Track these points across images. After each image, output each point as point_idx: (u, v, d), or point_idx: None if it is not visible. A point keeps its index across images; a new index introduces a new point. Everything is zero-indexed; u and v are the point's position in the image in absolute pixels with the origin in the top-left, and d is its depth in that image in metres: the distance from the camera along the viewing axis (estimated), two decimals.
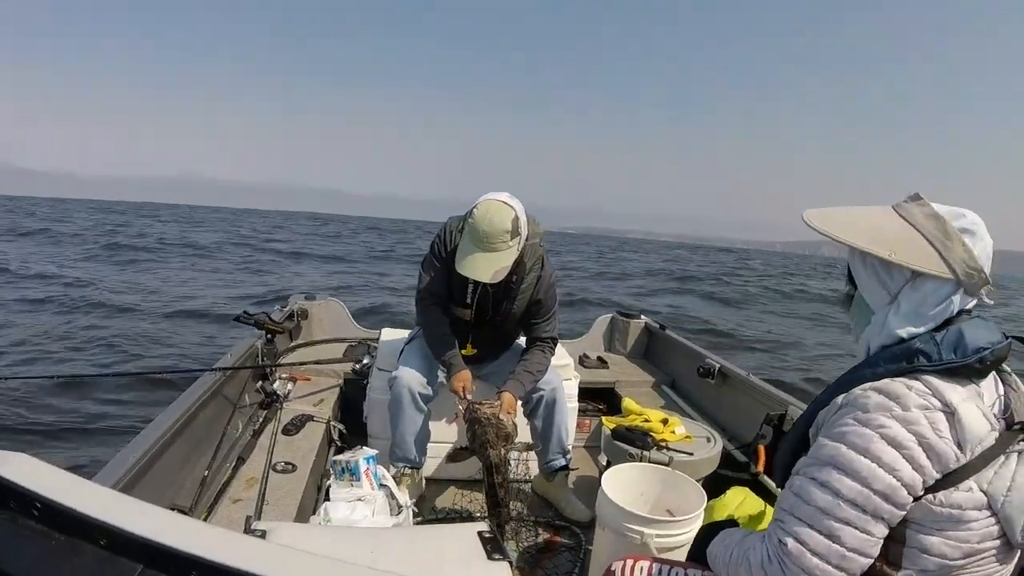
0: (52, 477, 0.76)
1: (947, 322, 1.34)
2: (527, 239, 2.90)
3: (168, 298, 12.66)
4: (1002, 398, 1.33)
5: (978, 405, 1.25)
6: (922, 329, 1.34)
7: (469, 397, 2.96)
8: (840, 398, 1.34)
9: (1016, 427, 1.28)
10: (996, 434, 1.26)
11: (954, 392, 1.24)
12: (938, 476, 1.23)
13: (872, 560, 1.27)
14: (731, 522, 1.85)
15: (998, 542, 1.29)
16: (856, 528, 1.24)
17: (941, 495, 1.24)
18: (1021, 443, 1.28)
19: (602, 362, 4.75)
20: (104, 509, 0.71)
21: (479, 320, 3.15)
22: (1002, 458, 1.26)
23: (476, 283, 2.99)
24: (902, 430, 1.22)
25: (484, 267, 2.76)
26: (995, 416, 1.28)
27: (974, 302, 1.37)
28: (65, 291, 12.25)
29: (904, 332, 1.35)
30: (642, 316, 5.23)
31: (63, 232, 30.11)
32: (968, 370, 1.28)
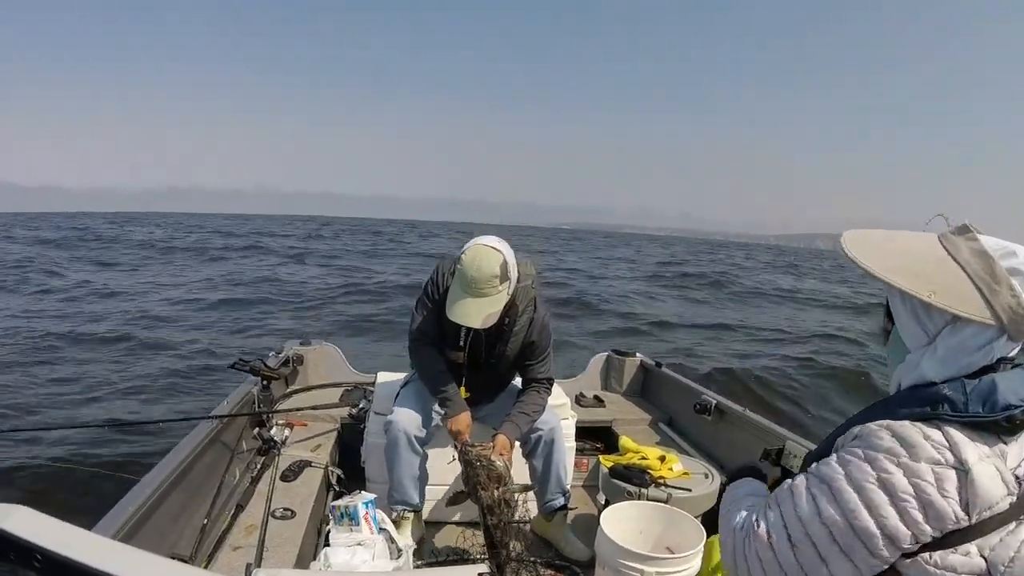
0: (52, 529, 0.77)
1: (985, 369, 1.25)
2: (518, 281, 2.92)
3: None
4: None
5: (997, 466, 1.18)
6: (954, 373, 1.25)
7: (465, 439, 2.96)
8: (857, 428, 1.28)
9: None
10: (1012, 499, 1.19)
11: (973, 450, 1.17)
12: (935, 535, 1.18)
13: None
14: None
15: None
16: (817, 551, 1.24)
17: (937, 556, 1.20)
18: None
19: (599, 401, 4.74)
20: (105, 559, 0.72)
21: (472, 363, 3.15)
22: (1012, 524, 1.19)
23: (469, 328, 2.99)
24: (903, 480, 1.18)
25: (474, 313, 2.77)
26: (1016, 478, 1.20)
27: (1017, 348, 1.27)
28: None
29: (936, 376, 1.27)
30: (637, 354, 5.23)
31: None
32: (995, 426, 1.19)
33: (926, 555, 1.20)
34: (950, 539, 1.19)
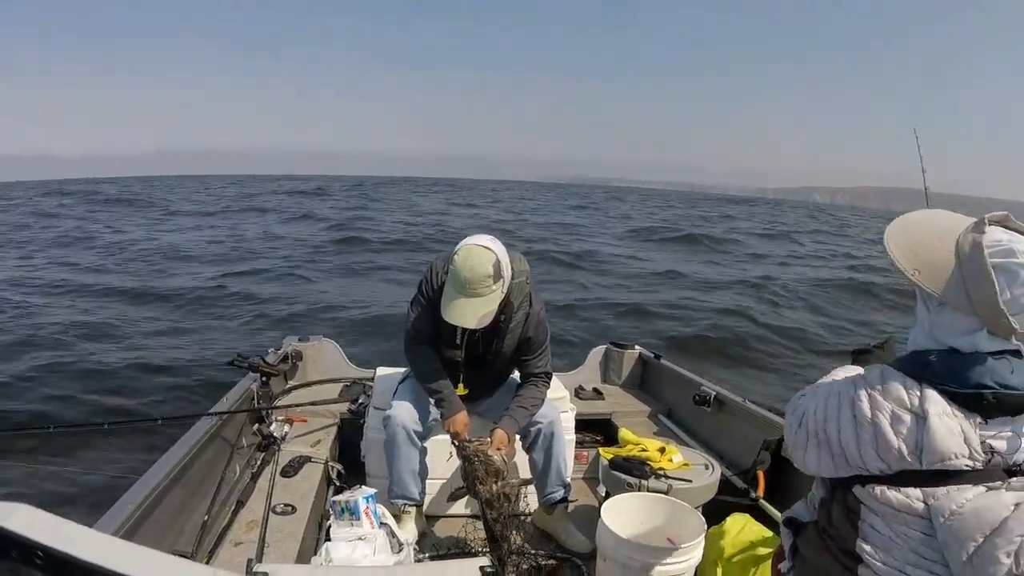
0: (54, 526, 0.77)
1: (980, 357, 1.29)
2: (512, 278, 2.92)
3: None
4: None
5: (962, 427, 1.25)
6: (931, 344, 1.37)
7: (464, 437, 2.97)
8: None
9: (1013, 474, 1.27)
10: (974, 463, 1.25)
11: (937, 405, 1.26)
12: (884, 469, 1.31)
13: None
14: None
15: (939, 553, 1.26)
16: (808, 436, 1.46)
17: (879, 489, 1.31)
18: (1000, 483, 1.26)
19: (598, 393, 4.74)
20: (106, 556, 0.72)
21: (470, 361, 3.15)
22: (968, 486, 1.25)
23: (462, 329, 3.01)
24: (866, 408, 1.33)
25: (469, 313, 2.78)
26: (988, 449, 1.25)
27: (1013, 346, 1.32)
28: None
29: (924, 346, 1.39)
30: (636, 346, 5.23)
31: None
32: (965, 399, 1.26)
33: (871, 486, 1.32)
34: (900, 478, 1.30)
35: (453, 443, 2.94)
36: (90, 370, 8.73)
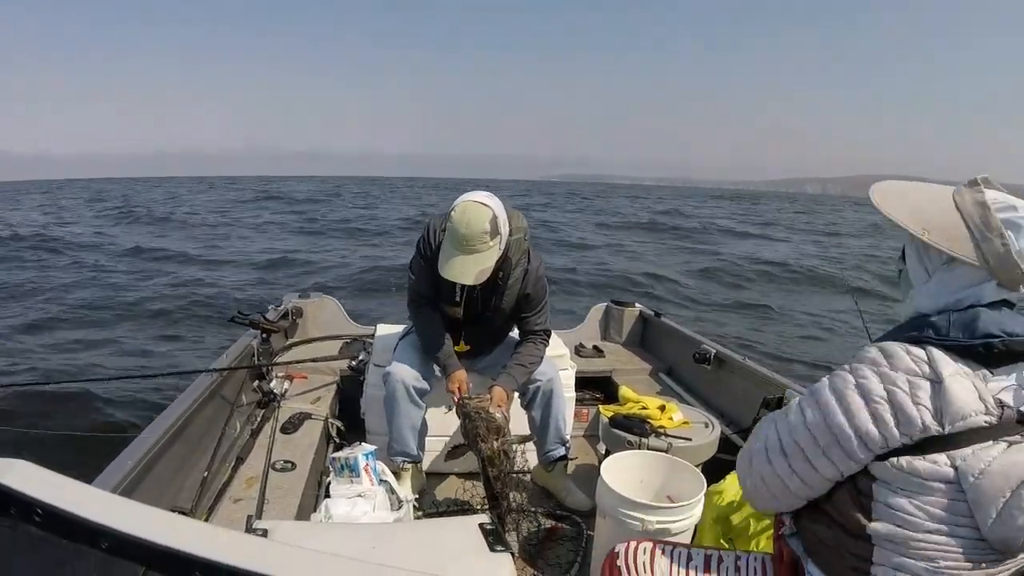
0: (52, 483, 0.76)
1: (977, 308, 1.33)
2: (510, 235, 2.91)
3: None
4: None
5: (974, 383, 1.25)
6: (943, 307, 1.36)
7: (464, 394, 2.97)
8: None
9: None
10: (991, 419, 1.24)
11: (949, 365, 1.26)
12: (906, 441, 1.26)
13: (812, 494, 1.41)
14: None
15: (968, 518, 1.25)
16: (805, 455, 1.36)
17: (904, 460, 1.27)
18: (1020, 437, 1.26)
19: (598, 351, 4.75)
20: (105, 513, 0.71)
21: (469, 317, 3.16)
22: (990, 443, 1.25)
23: (462, 285, 3.01)
24: (879, 385, 1.28)
25: (467, 269, 2.76)
26: (999, 403, 1.25)
27: (1012, 295, 1.36)
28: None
29: (927, 308, 1.39)
30: (637, 304, 5.23)
31: None
32: (973, 351, 1.28)
33: (894, 458, 1.27)
34: (923, 447, 1.26)
35: (453, 401, 2.95)
36: (88, 325, 8.75)
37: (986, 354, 1.27)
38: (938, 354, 1.27)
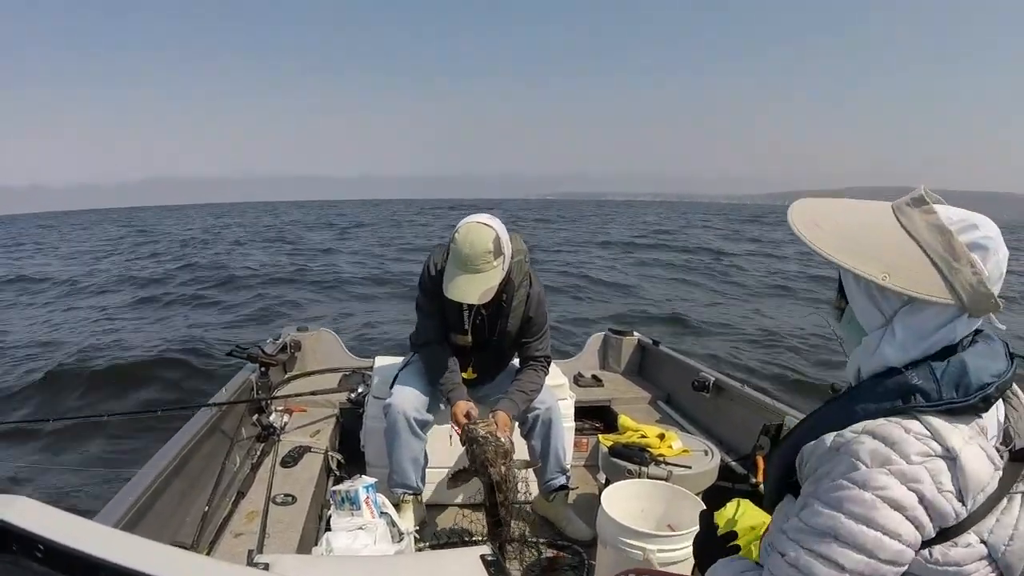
0: (54, 519, 0.76)
1: (947, 349, 1.21)
2: (512, 257, 2.94)
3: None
4: (1002, 424, 1.22)
5: (981, 445, 1.15)
6: (914, 356, 1.21)
7: (467, 422, 2.98)
8: (829, 439, 1.20)
9: (1020, 458, 1.18)
10: (999, 474, 1.16)
11: (956, 435, 1.13)
12: (936, 533, 1.14)
13: None
14: (728, 535, 1.78)
15: None
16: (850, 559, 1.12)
17: (938, 552, 1.15)
18: (1022, 484, 1.18)
19: (597, 380, 4.74)
20: (106, 548, 0.72)
21: (477, 345, 3.18)
22: (1004, 502, 1.16)
23: (471, 308, 3.04)
24: (903, 490, 1.10)
25: (471, 289, 2.80)
26: (997, 450, 1.17)
27: (978, 323, 1.23)
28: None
29: (898, 361, 1.22)
30: (635, 333, 5.24)
31: None
32: (972, 408, 1.16)
33: (925, 553, 1.15)
34: (950, 532, 1.14)
35: (455, 428, 2.95)
36: (88, 364, 8.74)
37: (983, 407, 1.17)
38: (938, 423, 1.14)
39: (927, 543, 1.14)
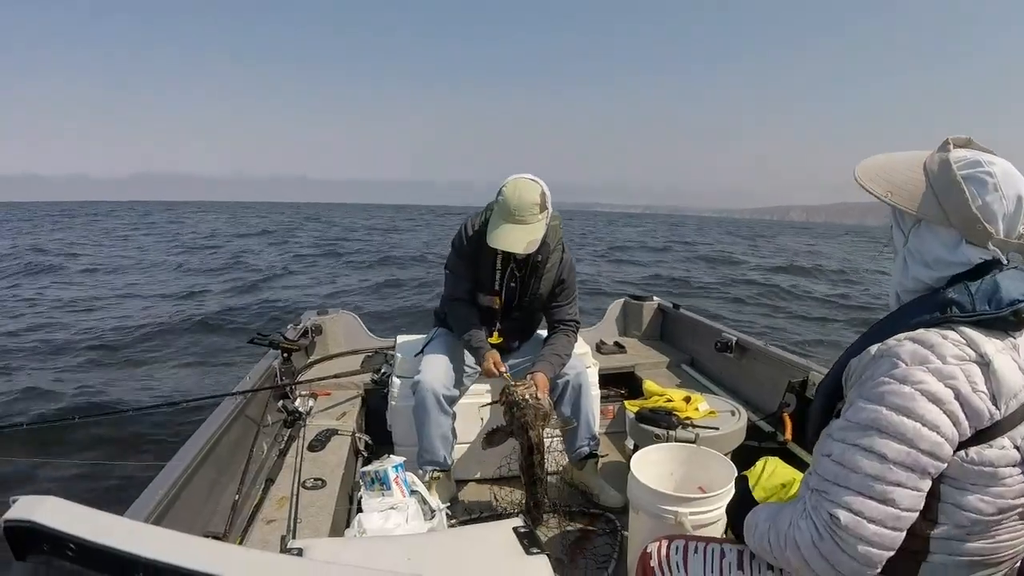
0: (83, 516, 0.76)
1: (979, 272, 1.29)
2: (551, 220, 2.99)
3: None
4: None
5: (1014, 357, 1.23)
6: (936, 273, 1.32)
7: (504, 372, 3.01)
8: (874, 348, 1.28)
9: None
10: None
11: (989, 343, 1.21)
12: (972, 432, 1.20)
13: (918, 513, 1.24)
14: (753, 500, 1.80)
15: None
16: (908, 488, 1.20)
17: (974, 452, 1.21)
18: None
19: (619, 347, 4.75)
20: (138, 543, 0.71)
21: (506, 308, 3.21)
22: None
23: (504, 269, 3.09)
24: (940, 385, 1.18)
25: (517, 238, 2.84)
26: None
27: (1000, 255, 1.30)
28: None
29: (922, 275, 1.34)
30: (655, 298, 5.23)
31: None
32: (1003, 322, 1.25)
33: (961, 453, 1.22)
34: (985, 434, 1.21)
35: (498, 371, 2.99)
36: (111, 358, 8.79)
37: (1015, 321, 1.25)
38: (973, 333, 1.23)
39: (964, 444, 1.22)
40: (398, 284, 16.81)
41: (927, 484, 1.22)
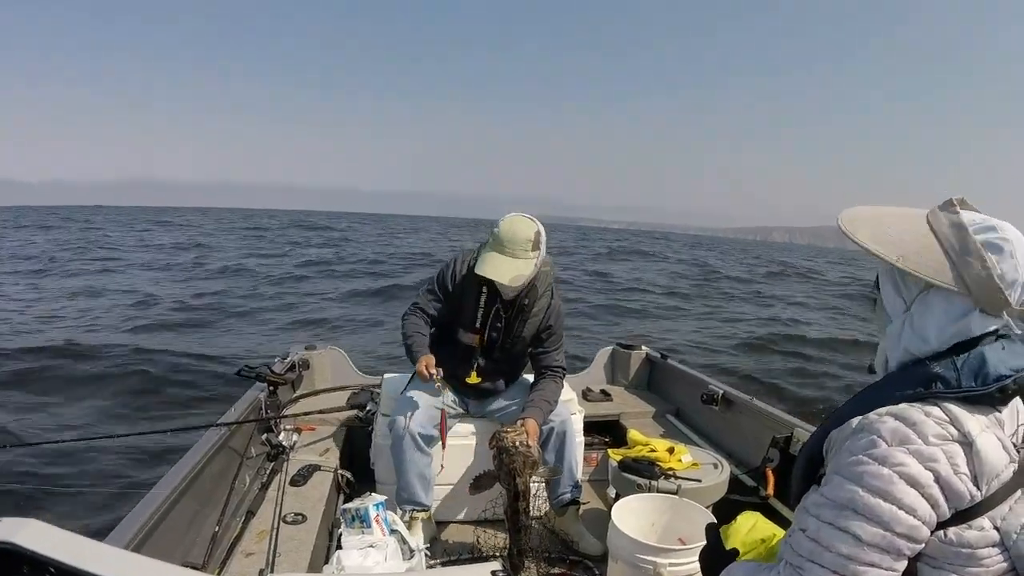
0: (65, 541, 0.77)
1: (971, 343, 1.26)
2: (542, 265, 3.02)
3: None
4: (1021, 425, 1.28)
5: (997, 435, 1.20)
6: (934, 346, 1.28)
7: (436, 375, 2.95)
8: (855, 421, 1.26)
9: None
10: (1014, 466, 1.21)
11: (973, 422, 1.18)
12: (951, 512, 1.18)
13: None
14: (735, 552, 1.79)
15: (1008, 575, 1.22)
16: (882, 569, 1.18)
17: (953, 533, 1.20)
18: None
19: (605, 395, 4.74)
20: (118, 570, 0.72)
21: (487, 348, 3.20)
22: (1018, 493, 1.21)
23: (488, 308, 3.09)
24: (920, 468, 1.16)
25: (504, 269, 2.86)
26: (1014, 446, 1.22)
27: (1000, 324, 1.28)
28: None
29: (916, 349, 1.30)
30: (643, 347, 5.23)
31: None
32: (989, 398, 1.21)
33: (940, 533, 1.20)
34: (965, 515, 1.19)
35: (432, 378, 2.95)
36: (97, 382, 8.75)
37: (1000, 398, 1.22)
38: (957, 410, 1.19)
39: (943, 524, 1.19)
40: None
41: (902, 565, 1.20)
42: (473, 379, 3.22)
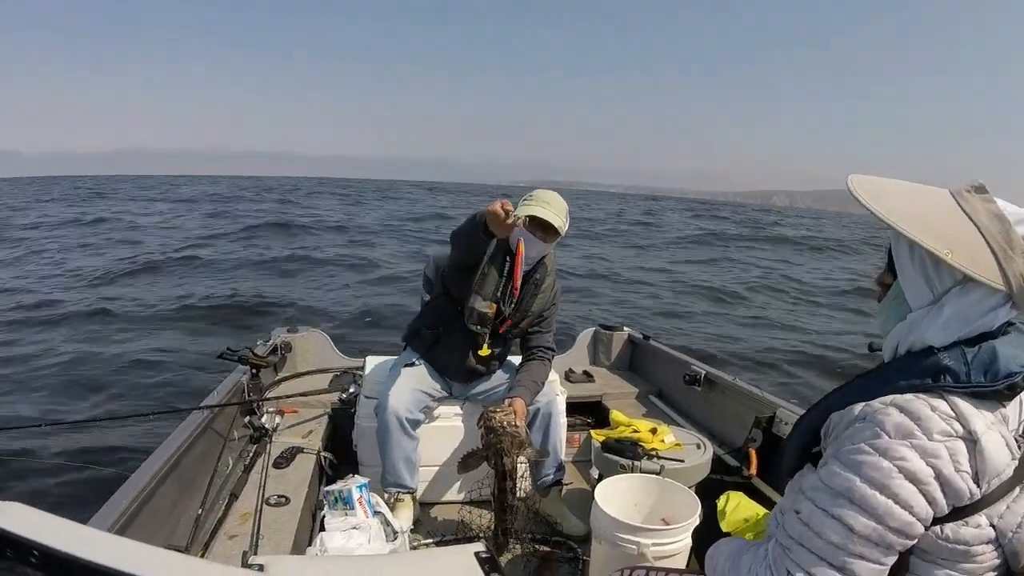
0: (47, 524, 0.76)
1: (981, 335, 1.23)
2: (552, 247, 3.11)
3: None
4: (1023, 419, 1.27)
5: (1002, 433, 1.19)
6: (954, 338, 1.23)
7: (510, 210, 2.71)
8: (858, 408, 1.23)
9: None
10: (1015, 463, 1.20)
11: (979, 419, 1.16)
12: (949, 509, 1.17)
13: None
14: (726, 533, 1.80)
15: (999, 571, 1.23)
16: (869, 561, 1.17)
17: (949, 529, 1.19)
18: None
19: (588, 376, 4.75)
20: (102, 552, 0.72)
21: (496, 319, 3.19)
22: (1017, 491, 1.20)
23: (504, 280, 3.07)
24: (921, 463, 1.14)
25: (552, 214, 2.93)
26: (1016, 440, 1.21)
27: (1016, 313, 1.25)
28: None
29: (937, 341, 1.24)
30: (625, 328, 5.24)
31: None
32: (997, 394, 1.20)
33: (936, 528, 1.19)
34: (962, 512, 1.18)
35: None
36: (80, 366, 8.70)
37: (1008, 394, 1.21)
38: (964, 406, 1.17)
39: (940, 520, 1.19)
40: None
41: (891, 559, 1.19)
42: (485, 351, 3.22)
